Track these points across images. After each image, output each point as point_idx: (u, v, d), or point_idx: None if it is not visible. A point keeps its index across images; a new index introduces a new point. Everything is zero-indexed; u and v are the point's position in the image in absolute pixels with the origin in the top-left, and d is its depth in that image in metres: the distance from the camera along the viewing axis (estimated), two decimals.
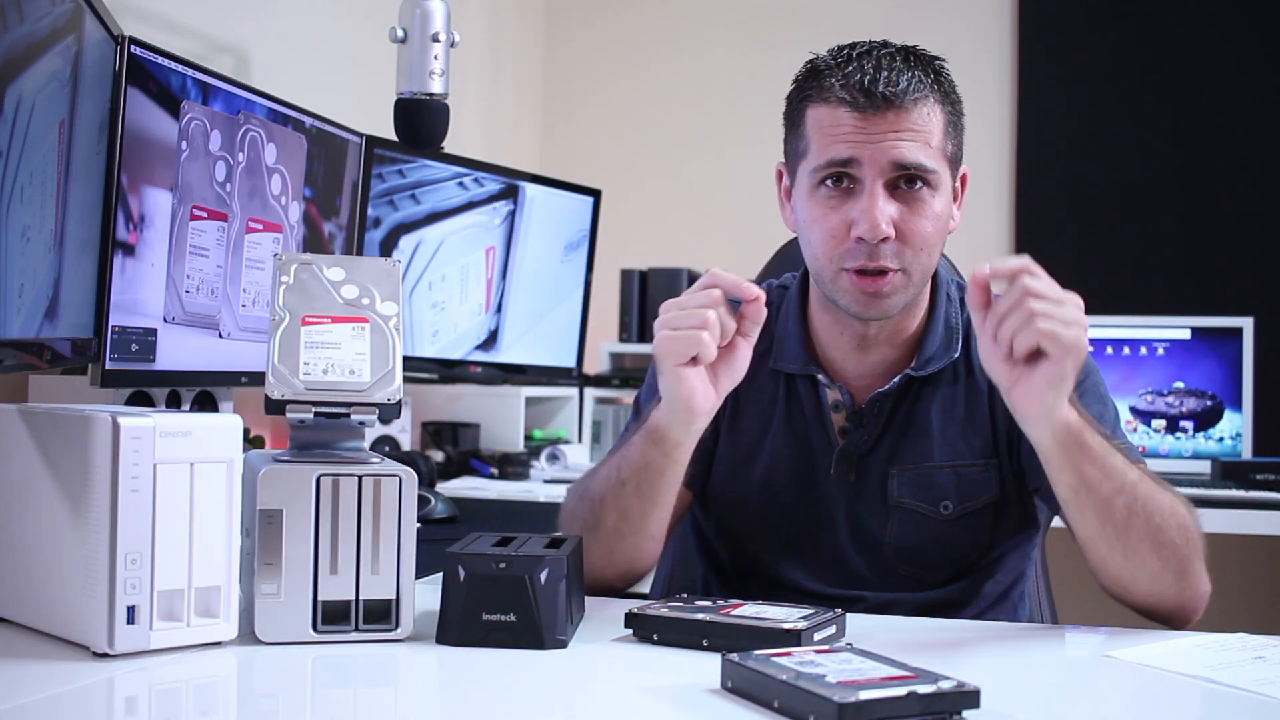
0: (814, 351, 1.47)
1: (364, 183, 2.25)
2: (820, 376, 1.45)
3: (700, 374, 1.24)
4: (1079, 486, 1.21)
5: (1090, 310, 1.19)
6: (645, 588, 1.63)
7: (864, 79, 1.33)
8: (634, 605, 1.18)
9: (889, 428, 1.43)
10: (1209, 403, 3.00)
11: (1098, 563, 1.26)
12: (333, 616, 1.09)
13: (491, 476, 2.68)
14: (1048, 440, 1.20)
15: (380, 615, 1.10)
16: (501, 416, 2.89)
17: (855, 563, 1.43)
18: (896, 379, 1.42)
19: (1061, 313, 1.14)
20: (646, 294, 3.51)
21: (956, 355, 1.44)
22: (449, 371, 2.68)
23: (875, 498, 1.43)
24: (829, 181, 1.35)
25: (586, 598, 1.26)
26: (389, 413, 1.11)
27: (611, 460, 1.35)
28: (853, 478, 1.43)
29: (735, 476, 1.47)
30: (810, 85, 1.38)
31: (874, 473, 1.43)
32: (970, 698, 0.89)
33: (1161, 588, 1.25)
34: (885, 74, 1.33)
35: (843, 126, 1.33)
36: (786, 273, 1.57)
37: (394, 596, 1.10)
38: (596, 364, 3.47)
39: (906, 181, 1.34)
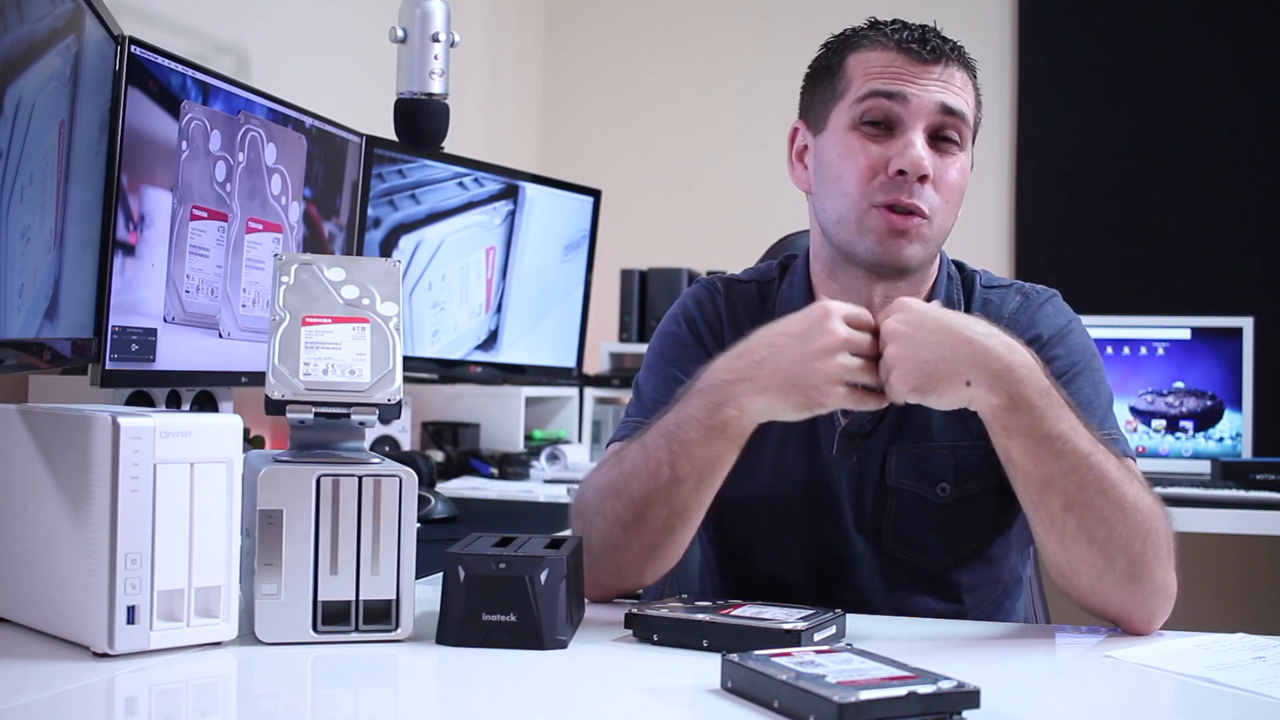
0: None
1: (364, 183, 2.26)
2: None
3: None
4: (1007, 461, 1.20)
5: (1090, 310, 1.19)
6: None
7: (913, 34, 1.37)
8: (634, 605, 1.18)
9: (891, 407, 1.42)
10: (1209, 403, 3.00)
11: (1038, 544, 1.24)
12: (333, 617, 1.09)
13: (491, 476, 2.68)
14: (971, 408, 1.19)
15: (380, 615, 1.10)
16: (501, 416, 2.89)
17: (858, 546, 1.43)
18: None
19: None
20: (646, 294, 3.51)
21: None
22: (449, 371, 2.68)
23: (874, 479, 1.42)
24: (869, 121, 1.36)
25: (588, 600, 1.26)
26: (389, 413, 1.11)
27: (653, 458, 1.25)
28: (854, 458, 1.42)
29: (744, 459, 1.46)
30: (853, 38, 1.41)
31: (875, 453, 1.42)
32: (970, 698, 0.89)
33: (1106, 585, 1.20)
34: (932, 33, 1.38)
35: (892, 67, 1.36)
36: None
37: (394, 597, 1.10)
38: (596, 364, 3.47)
39: (942, 135, 1.36)
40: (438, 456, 2.68)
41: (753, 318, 1.48)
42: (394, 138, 1.73)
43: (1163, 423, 3.02)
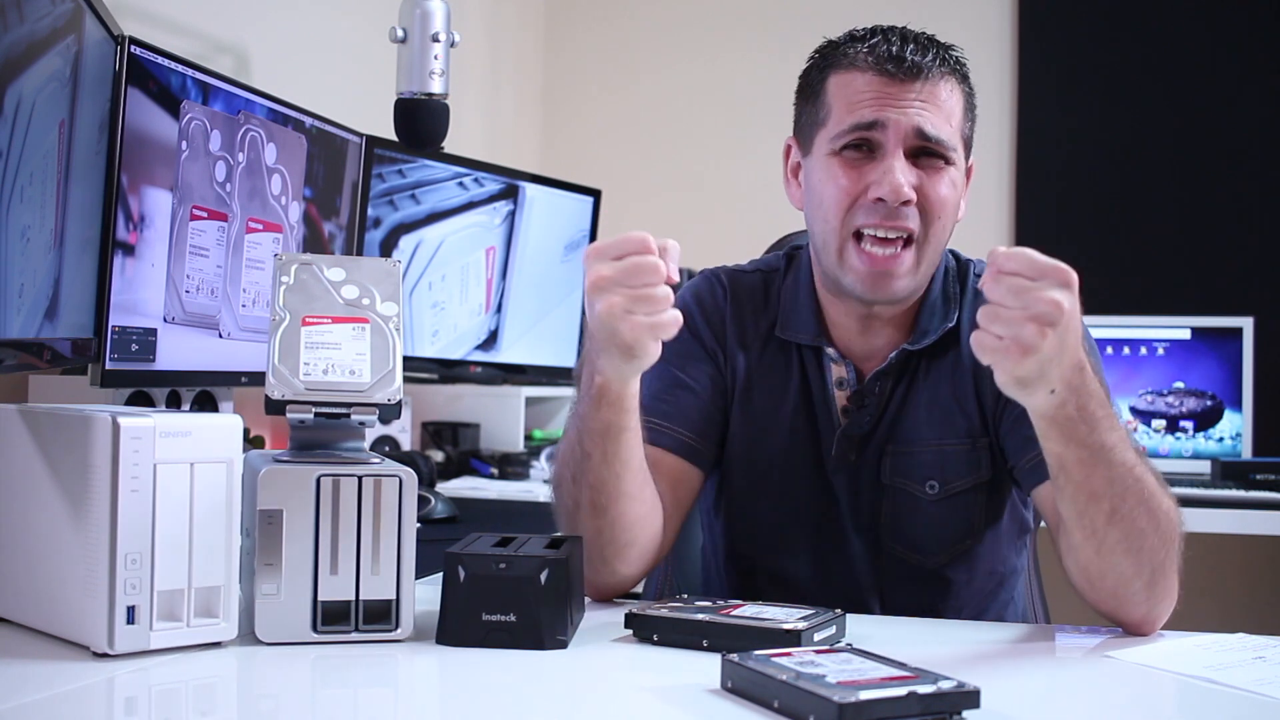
0: (824, 325, 1.45)
1: (364, 183, 2.25)
2: (829, 350, 1.43)
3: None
4: (1059, 470, 1.17)
5: (1090, 310, 1.18)
6: (639, 587, 1.63)
7: (890, 49, 1.34)
8: (634, 605, 1.18)
9: (887, 408, 1.43)
10: (1209, 403, 3.00)
11: (1068, 549, 1.23)
12: (333, 617, 1.09)
13: (491, 476, 2.68)
14: (1033, 410, 1.15)
15: (380, 615, 1.10)
16: (501, 416, 2.89)
17: (856, 544, 1.43)
18: (893, 355, 1.41)
19: (1005, 327, 1.07)
20: None
21: (951, 325, 1.42)
22: (449, 371, 2.68)
23: (871, 477, 1.42)
24: (849, 147, 1.35)
25: (588, 599, 1.26)
26: (389, 413, 1.11)
27: (569, 440, 1.28)
28: (853, 458, 1.43)
29: (752, 455, 1.46)
30: (833, 55, 1.39)
31: (872, 453, 1.42)
32: (970, 698, 0.89)
33: (1129, 592, 1.21)
34: (911, 46, 1.35)
35: (868, 92, 1.34)
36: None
37: (394, 597, 1.10)
38: None
39: (926, 155, 1.34)
40: (438, 456, 2.68)
41: (756, 308, 1.49)
42: (394, 138, 1.73)
43: (1163, 423, 3.02)
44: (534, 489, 2.53)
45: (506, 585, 1.09)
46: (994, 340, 1.08)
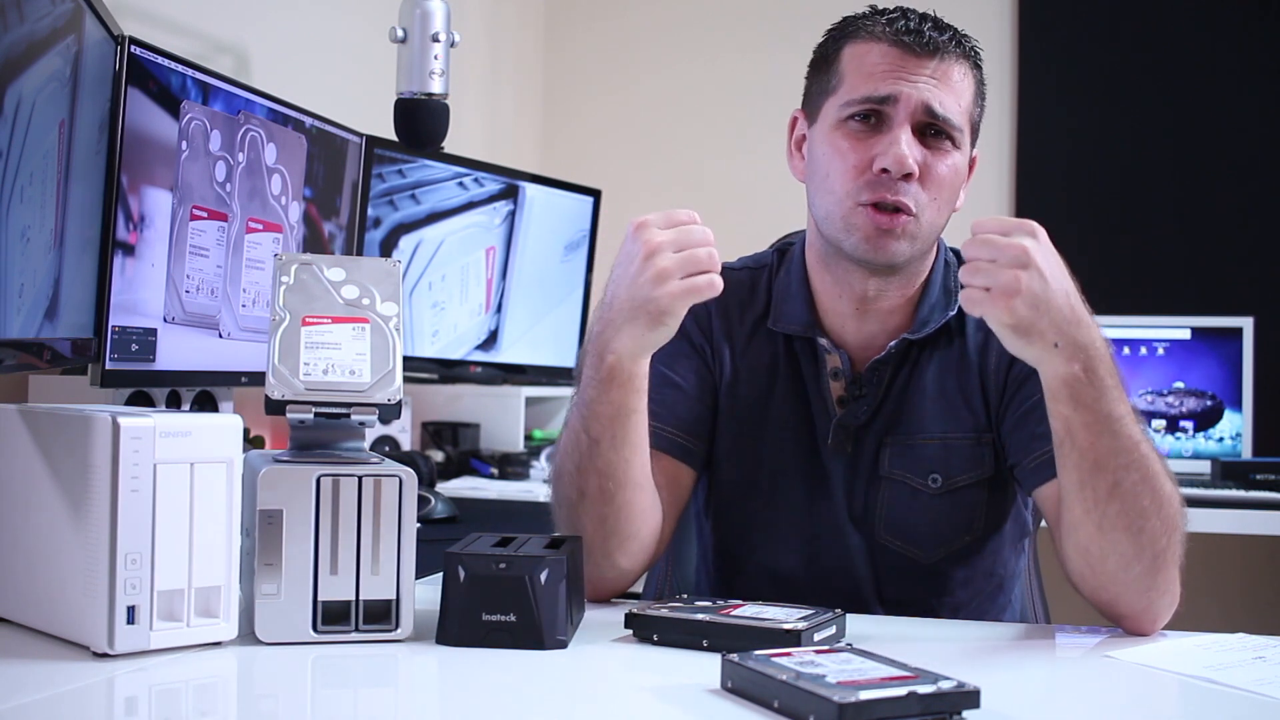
0: (816, 315, 1.45)
1: (364, 183, 2.26)
2: (822, 341, 1.43)
3: None
4: (1065, 436, 1.19)
5: (1090, 310, 1.19)
6: (638, 587, 1.63)
7: (909, 24, 1.36)
8: (634, 605, 1.18)
9: (886, 398, 1.42)
10: (1209, 403, 3.00)
11: (1068, 530, 1.23)
12: (333, 617, 1.09)
13: (491, 476, 2.68)
14: (1041, 368, 1.19)
15: (380, 615, 1.10)
16: (501, 416, 2.89)
17: (851, 537, 1.43)
18: (893, 344, 1.41)
19: (986, 279, 1.16)
20: None
21: (952, 314, 1.42)
22: (449, 371, 2.68)
23: (868, 469, 1.42)
24: (856, 118, 1.35)
25: (587, 599, 1.26)
26: (389, 413, 1.11)
27: (571, 430, 1.30)
28: (849, 449, 1.42)
29: (741, 449, 1.45)
30: (851, 26, 1.40)
31: (869, 444, 1.42)
32: (970, 698, 0.90)
33: (1129, 576, 1.20)
34: (930, 24, 1.37)
35: (882, 64, 1.35)
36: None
37: (394, 597, 1.10)
38: None
39: (933, 132, 1.35)
40: (438, 456, 2.68)
41: (742, 303, 1.49)
42: (394, 138, 1.73)
43: (1163, 423, 3.02)
44: (534, 489, 2.53)
45: (506, 585, 1.09)
46: (979, 293, 1.16)
